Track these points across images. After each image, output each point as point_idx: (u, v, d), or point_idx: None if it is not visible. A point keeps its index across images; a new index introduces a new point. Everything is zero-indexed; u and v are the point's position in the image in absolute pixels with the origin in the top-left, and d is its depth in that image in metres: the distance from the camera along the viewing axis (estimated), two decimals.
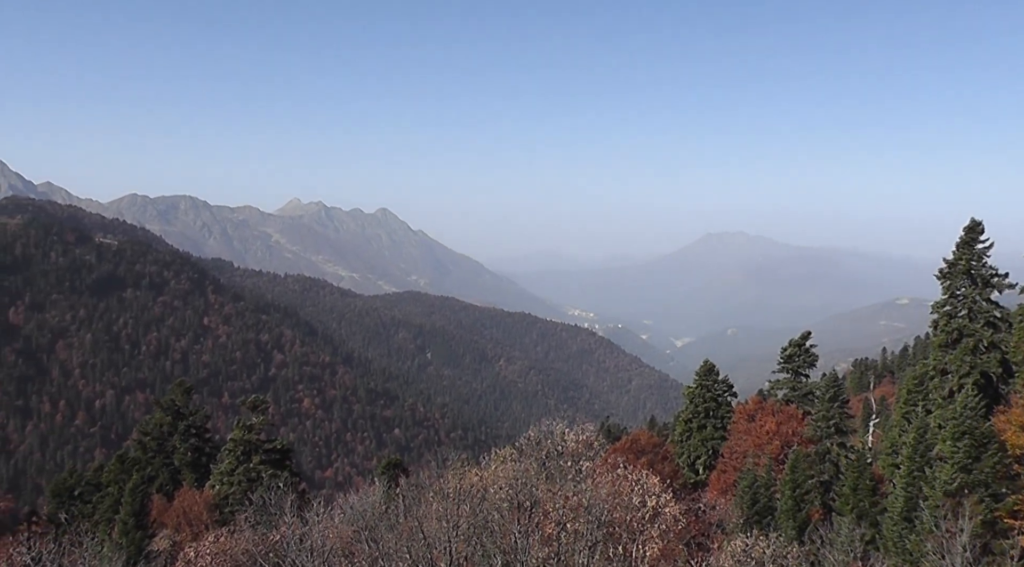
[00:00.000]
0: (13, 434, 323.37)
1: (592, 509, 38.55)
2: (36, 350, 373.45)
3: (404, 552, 36.16)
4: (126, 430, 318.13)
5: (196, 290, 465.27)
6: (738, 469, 74.01)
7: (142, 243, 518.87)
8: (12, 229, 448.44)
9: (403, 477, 77.34)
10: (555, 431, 62.85)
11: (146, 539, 69.65)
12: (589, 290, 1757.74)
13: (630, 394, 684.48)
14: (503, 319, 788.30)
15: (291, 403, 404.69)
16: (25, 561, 47.30)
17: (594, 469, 53.36)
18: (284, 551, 42.86)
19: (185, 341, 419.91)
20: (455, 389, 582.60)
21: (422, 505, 44.69)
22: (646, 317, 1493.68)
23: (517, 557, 36.03)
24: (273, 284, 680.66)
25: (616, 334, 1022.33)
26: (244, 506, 66.50)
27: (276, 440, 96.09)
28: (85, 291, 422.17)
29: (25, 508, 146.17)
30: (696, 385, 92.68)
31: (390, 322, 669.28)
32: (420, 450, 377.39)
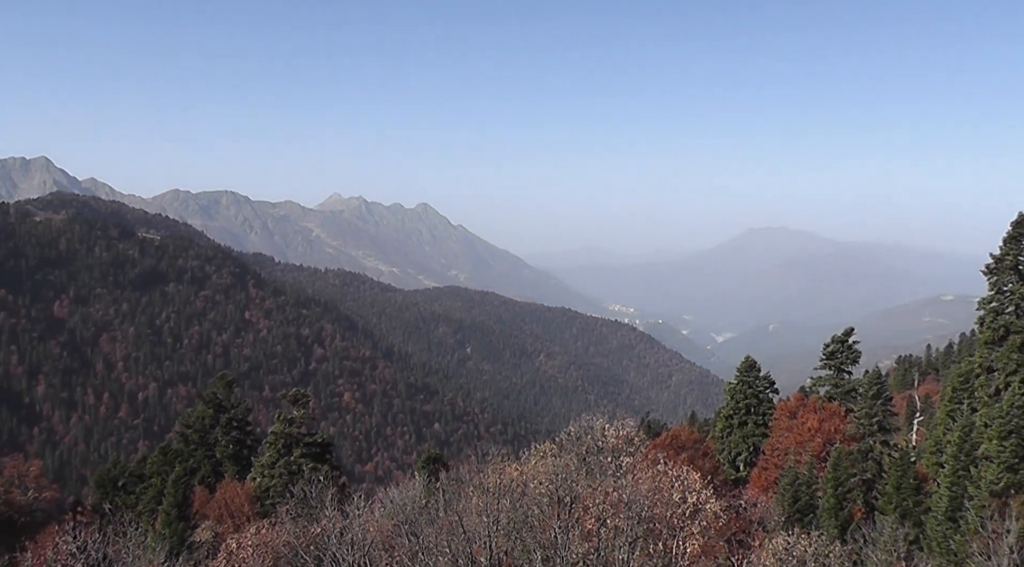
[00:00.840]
0: (58, 425, 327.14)
1: (632, 505, 38.38)
2: (80, 343, 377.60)
3: (444, 546, 36.19)
4: (168, 422, 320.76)
5: (237, 284, 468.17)
6: (779, 466, 73.50)
7: (184, 238, 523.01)
8: (57, 224, 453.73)
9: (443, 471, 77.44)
10: (595, 426, 62.72)
11: (188, 530, 70.18)
12: (629, 285, 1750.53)
13: (670, 390, 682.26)
14: (543, 314, 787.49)
15: (331, 397, 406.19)
16: (71, 550, 47.83)
17: (634, 465, 53.14)
18: (325, 544, 43.04)
19: (226, 335, 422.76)
20: (495, 384, 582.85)
21: (462, 500, 44.64)
22: (686, 312, 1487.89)
23: (557, 552, 35.95)
24: (314, 279, 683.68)
25: (656, 329, 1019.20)
26: (285, 499, 66.85)
27: (317, 434, 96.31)
28: (128, 285, 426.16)
29: (70, 498, 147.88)
30: (737, 381, 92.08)
31: (430, 317, 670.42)
32: (460, 445, 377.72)
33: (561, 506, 37.59)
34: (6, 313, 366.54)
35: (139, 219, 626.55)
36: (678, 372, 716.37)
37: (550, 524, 37.03)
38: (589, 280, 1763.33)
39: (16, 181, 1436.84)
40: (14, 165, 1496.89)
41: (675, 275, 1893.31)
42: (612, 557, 37.13)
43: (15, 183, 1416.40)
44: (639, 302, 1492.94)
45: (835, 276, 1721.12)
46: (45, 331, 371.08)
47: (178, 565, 54.43)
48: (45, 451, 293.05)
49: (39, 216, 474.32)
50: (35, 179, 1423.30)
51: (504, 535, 37.07)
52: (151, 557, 52.43)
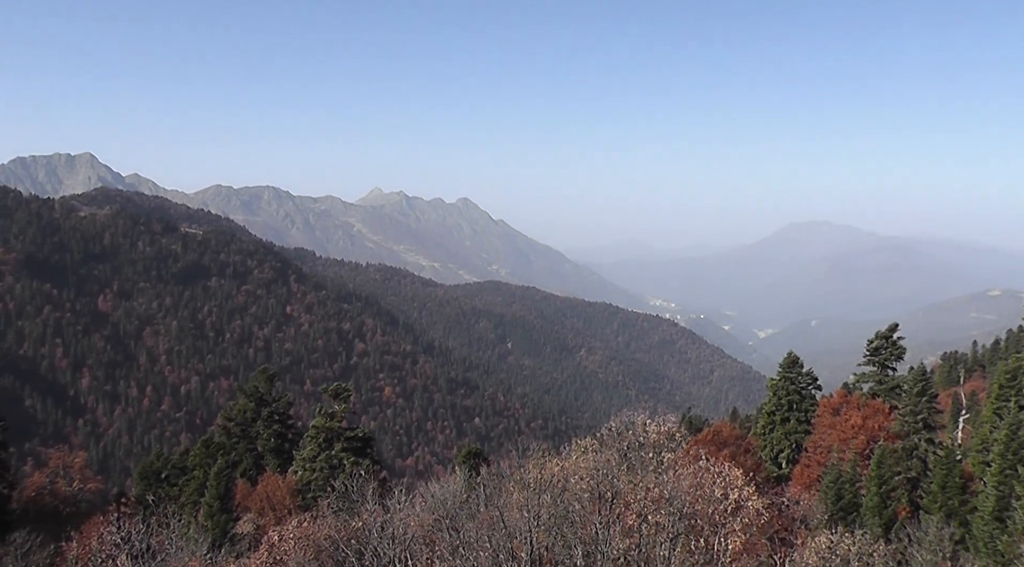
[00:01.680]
0: (102, 418, 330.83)
1: (674, 501, 38.17)
2: (124, 337, 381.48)
3: (485, 541, 36.14)
4: (211, 415, 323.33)
5: (279, 279, 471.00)
6: (822, 464, 72.87)
7: (226, 233, 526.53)
8: (101, 220, 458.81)
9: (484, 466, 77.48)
10: (636, 422, 62.44)
11: (231, 522, 70.71)
12: (671, 280, 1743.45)
13: (712, 385, 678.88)
14: (584, 309, 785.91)
15: (372, 392, 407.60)
16: (115, 540, 48.27)
17: (676, 461, 52.86)
18: (366, 538, 43.11)
19: (268, 329, 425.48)
20: (535, 379, 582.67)
21: (503, 495, 44.63)
22: (728, 308, 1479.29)
23: (598, 548, 35.81)
24: (355, 273, 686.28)
25: (698, 325, 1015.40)
26: (326, 492, 67.13)
27: (357, 428, 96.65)
28: (171, 280, 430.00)
29: (114, 489, 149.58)
30: (779, 377, 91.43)
31: (471, 312, 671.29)
32: (500, 440, 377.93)
33: (602, 502, 37.44)
34: (51, 307, 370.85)
35: (182, 214, 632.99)
36: (720, 368, 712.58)
37: (591, 520, 36.90)
38: (630, 275, 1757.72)
39: (61, 177, 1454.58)
40: (59, 161, 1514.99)
41: (717, 270, 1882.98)
42: (653, 553, 36.94)
43: (60, 179, 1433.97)
44: (680, 297, 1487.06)
45: (879, 271, 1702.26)
46: (89, 325, 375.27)
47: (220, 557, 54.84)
48: (89, 443, 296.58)
49: (84, 211, 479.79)
50: (80, 175, 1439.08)
51: (545, 530, 36.98)
52: (194, 548, 52.84)
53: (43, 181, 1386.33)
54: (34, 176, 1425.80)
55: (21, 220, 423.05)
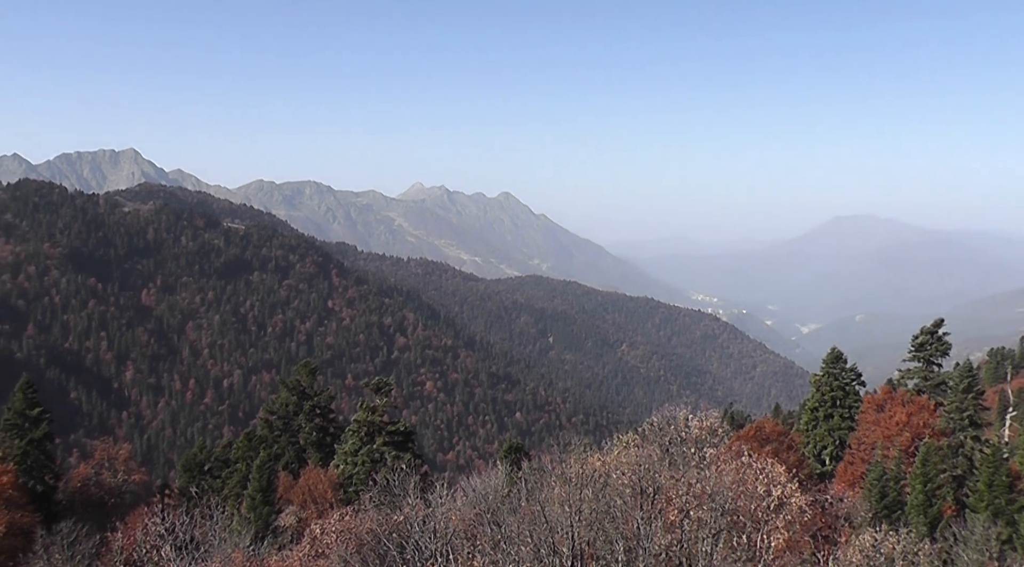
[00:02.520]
0: (146, 410, 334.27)
1: (716, 497, 37.98)
2: (167, 330, 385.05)
3: (526, 536, 36.11)
4: (253, 409, 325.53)
5: (321, 273, 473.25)
6: (866, 461, 72.27)
7: (268, 227, 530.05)
8: (145, 215, 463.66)
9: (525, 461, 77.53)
10: (678, 417, 62.19)
11: (273, 514, 71.11)
12: (713, 275, 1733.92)
13: (754, 381, 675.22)
14: (625, 303, 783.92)
15: (413, 386, 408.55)
16: (160, 531, 48.76)
17: (718, 456, 52.58)
18: (407, 532, 43.22)
19: (310, 323, 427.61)
20: (577, 374, 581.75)
21: (544, 489, 44.55)
22: (771, 302, 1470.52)
23: (640, 543, 35.68)
24: (396, 268, 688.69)
25: (740, 319, 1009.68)
26: (368, 486, 67.36)
27: (399, 422, 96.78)
28: (213, 274, 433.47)
29: (158, 481, 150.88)
30: (823, 373, 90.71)
31: (512, 306, 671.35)
32: (541, 434, 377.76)
33: (644, 497, 37.31)
34: (96, 301, 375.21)
35: (224, 209, 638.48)
36: (762, 363, 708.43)
37: (632, 515, 36.76)
38: (672, 269, 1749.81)
39: (106, 173, 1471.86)
40: (104, 157, 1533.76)
41: (759, 264, 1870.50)
42: (695, 549, 36.78)
43: (105, 175, 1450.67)
44: (722, 292, 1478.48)
45: (924, 265, 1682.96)
46: (133, 318, 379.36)
47: (263, 549, 55.20)
48: (133, 435, 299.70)
49: (128, 207, 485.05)
50: (124, 171, 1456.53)
51: (586, 526, 36.89)
52: (237, 540, 53.24)
53: (88, 177, 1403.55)
54: (79, 172, 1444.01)
55: (66, 216, 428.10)
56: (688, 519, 37.63)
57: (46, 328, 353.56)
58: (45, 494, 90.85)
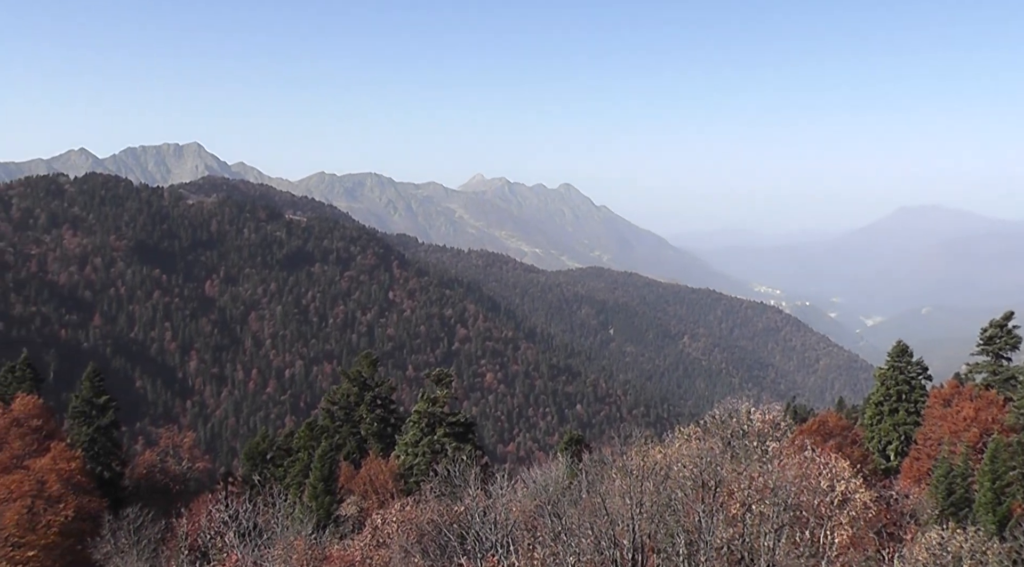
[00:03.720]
0: (210, 400, 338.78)
1: (779, 491, 37.60)
2: (230, 321, 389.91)
3: (587, 528, 36.04)
4: (314, 399, 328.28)
5: (381, 265, 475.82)
6: (932, 457, 71.08)
7: (329, 219, 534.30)
8: (208, 207, 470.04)
9: (585, 453, 77.30)
10: (740, 410, 61.65)
11: (334, 504, 71.55)
12: (776, 266, 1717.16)
13: (817, 374, 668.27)
14: (687, 295, 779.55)
15: (474, 377, 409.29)
16: (223, 518, 49.40)
17: (780, 450, 52.05)
18: (468, 523, 43.35)
19: (371, 314, 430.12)
20: (638, 366, 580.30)
21: (605, 481, 44.37)
22: (835, 294, 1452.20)
23: (701, 537, 35.46)
24: (457, 259, 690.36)
25: (803, 312, 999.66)
26: (429, 477, 67.60)
27: (459, 413, 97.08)
28: (275, 266, 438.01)
29: (221, 469, 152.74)
30: (888, 366, 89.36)
31: (573, 298, 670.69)
32: (602, 426, 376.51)
33: (705, 490, 37.05)
34: (160, 292, 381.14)
35: (286, 201, 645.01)
36: (825, 356, 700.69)
37: (694, 508, 36.52)
38: (734, 261, 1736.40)
39: (170, 166, 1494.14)
40: (168, 151, 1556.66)
41: (823, 256, 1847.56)
42: (757, 544, 36.46)
43: (169, 168, 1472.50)
44: (786, 284, 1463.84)
45: (994, 257, 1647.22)
46: (197, 309, 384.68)
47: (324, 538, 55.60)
48: (197, 423, 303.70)
49: (191, 199, 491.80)
50: (187, 164, 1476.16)
51: (647, 518, 36.71)
52: (299, 528, 53.61)
53: (152, 171, 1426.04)
54: (144, 166, 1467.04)
55: (132, 208, 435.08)
56: (750, 513, 37.31)
57: (112, 318, 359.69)
58: (112, 480, 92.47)
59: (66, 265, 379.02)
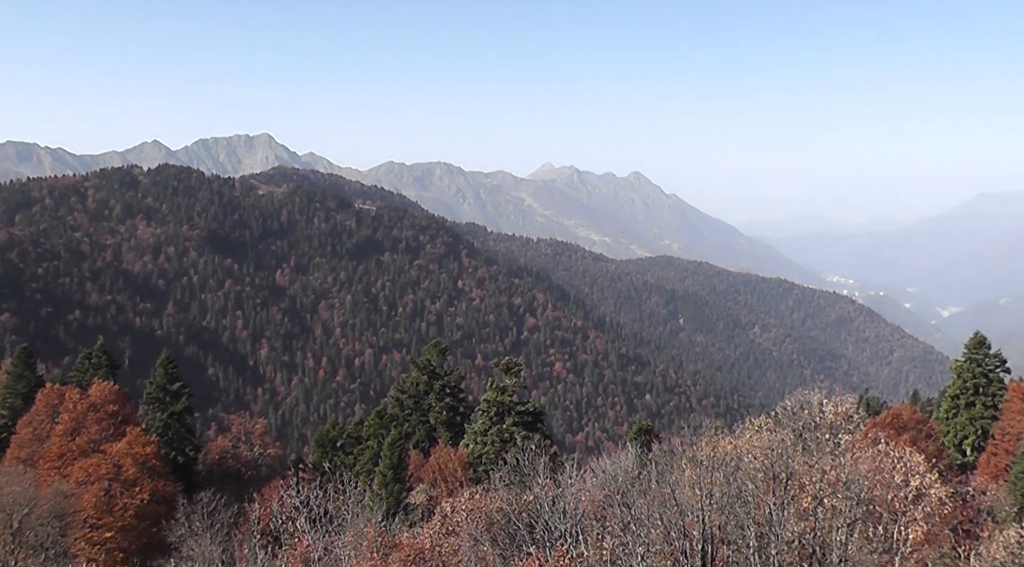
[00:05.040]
0: (280, 387, 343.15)
1: (851, 485, 37.12)
2: (300, 310, 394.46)
3: (656, 518, 35.88)
4: (383, 387, 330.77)
5: (450, 254, 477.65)
6: (1011, 453, 69.61)
7: (399, 208, 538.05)
8: (279, 197, 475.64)
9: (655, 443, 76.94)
10: (812, 401, 60.95)
11: (404, 492, 71.94)
12: (849, 255, 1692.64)
13: (891, 366, 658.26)
14: (758, 285, 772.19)
15: (542, 366, 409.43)
16: (295, 504, 49.99)
17: (853, 443, 51.35)
18: (537, 511, 43.37)
19: (440, 303, 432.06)
20: (707, 356, 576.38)
21: (674, 472, 44.15)
22: (909, 284, 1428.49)
23: (771, 529, 35.11)
24: (526, 248, 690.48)
25: (877, 302, 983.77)
26: (498, 466, 67.71)
27: (528, 402, 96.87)
28: (345, 255, 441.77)
29: (292, 455, 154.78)
30: (965, 359, 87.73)
31: (642, 287, 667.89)
32: (671, 417, 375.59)
33: (776, 483, 36.67)
34: (232, 281, 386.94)
35: (355, 191, 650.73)
36: (899, 348, 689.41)
37: (765, 501, 36.16)
38: (806, 250, 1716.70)
39: (241, 157, 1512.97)
40: (239, 142, 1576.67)
41: (898, 244, 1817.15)
42: (829, 538, 36.02)
43: (240, 159, 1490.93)
44: (859, 273, 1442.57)
45: None
46: (268, 298, 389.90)
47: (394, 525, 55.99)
48: (268, 410, 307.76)
49: (262, 189, 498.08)
50: (258, 155, 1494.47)
51: (717, 509, 36.46)
52: (369, 516, 54.06)
53: (224, 161, 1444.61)
54: (215, 157, 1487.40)
55: (204, 199, 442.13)
56: (822, 507, 36.87)
57: (185, 307, 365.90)
58: (185, 465, 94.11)
59: (140, 255, 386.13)
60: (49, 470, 73.37)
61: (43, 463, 75.23)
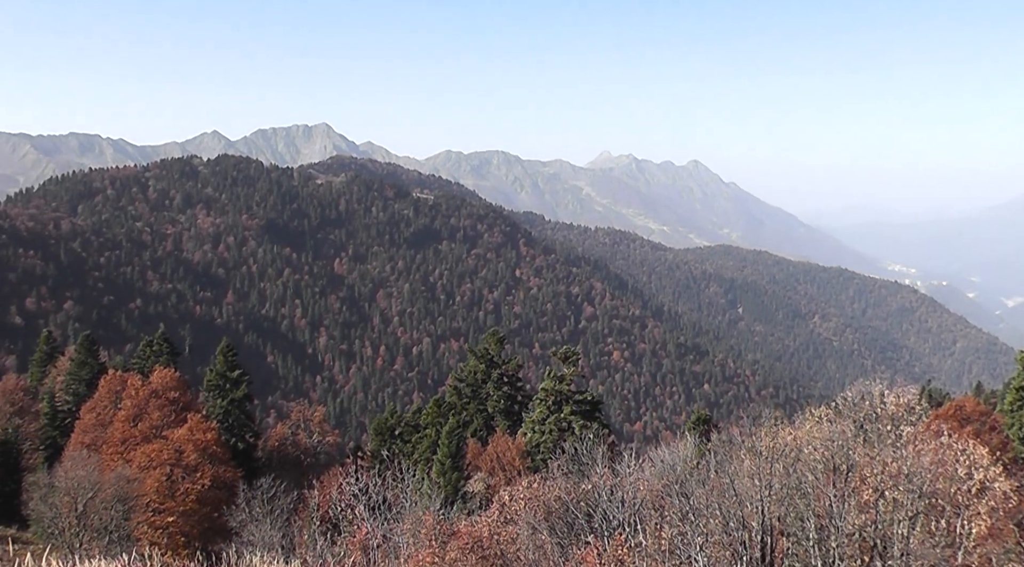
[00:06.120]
0: (338, 375, 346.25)
1: (913, 478, 36.68)
2: (359, 298, 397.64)
3: (715, 508, 35.72)
4: (441, 376, 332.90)
5: (508, 243, 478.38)
6: None
7: (456, 197, 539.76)
8: (337, 186, 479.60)
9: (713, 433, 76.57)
10: (873, 392, 60.31)
11: (462, 480, 72.32)
12: (910, 244, 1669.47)
13: (954, 357, 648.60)
14: (818, 274, 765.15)
15: (600, 356, 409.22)
16: (354, 491, 50.46)
17: (915, 435, 50.73)
18: (595, 501, 43.37)
19: (497, 292, 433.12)
20: (766, 346, 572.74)
21: (733, 462, 43.92)
22: (973, 274, 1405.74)
23: (832, 522, 34.82)
24: (583, 237, 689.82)
25: (939, 292, 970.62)
26: (556, 454, 67.82)
27: (586, 391, 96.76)
28: (403, 243, 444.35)
29: (350, 443, 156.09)
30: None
31: (701, 276, 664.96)
32: (730, 406, 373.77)
33: (837, 474, 36.34)
34: (291, 270, 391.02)
35: (413, 180, 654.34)
36: (963, 338, 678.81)
37: (825, 492, 35.87)
38: (867, 238, 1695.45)
39: (299, 147, 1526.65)
40: (297, 132, 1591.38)
41: (961, 233, 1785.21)
42: (890, 532, 35.65)
43: (298, 149, 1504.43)
44: (921, 262, 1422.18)
45: None
46: (326, 287, 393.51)
47: (452, 513, 56.28)
48: (327, 398, 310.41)
49: (320, 179, 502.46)
50: (316, 144, 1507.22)
51: (776, 501, 36.23)
52: (427, 504, 54.36)
53: (282, 151, 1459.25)
54: (274, 147, 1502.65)
55: (263, 189, 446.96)
56: (883, 500, 36.50)
57: (244, 295, 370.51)
58: (245, 451, 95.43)
59: (200, 244, 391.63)
60: (112, 455, 74.72)
61: (106, 448, 76.67)
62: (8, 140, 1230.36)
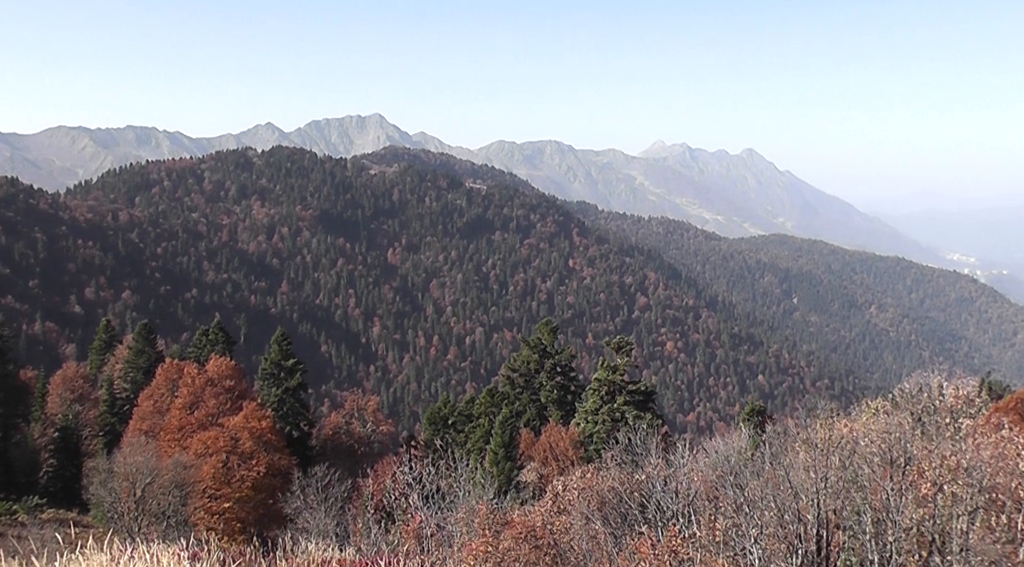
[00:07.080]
0: (392, 365, 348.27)
1: (973, 472, 36.07)
2: (412, 288, 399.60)
3: (770, 500, 35.33)
4: (494, 366, 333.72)
5: (561, 232, 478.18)
6: None
7: (509, 187, 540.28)
8: (390, 177, 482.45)
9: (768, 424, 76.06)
10: (931, 384, 59.51)
11: (515, 470, 72.22)
12: (970, 233, 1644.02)
13: (1015, 349, 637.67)
14: (874, 263, 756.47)
15: (653, 346, 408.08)
16: (408, 480, 50.74)
17: (974, 428, 49.98)
18: (649, 491, 43.14)
19: (550, 282, 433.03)
20: (822, 336, 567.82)
21: (788, 454, 43.55)
22: None
23: (889, 516, 34.35)
24: (637, 226, 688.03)
25: (1000, 281, 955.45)
26: (609, 445, 67.66)
27: (639, 382, 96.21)
28: (456, 233, 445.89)
29: (403, 432, 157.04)
30: None
31: (755, 265, 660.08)
32: (784, 398, 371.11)
33: (894, 467, 35.84)
34: (344, 260, 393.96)
35: (466, 170, 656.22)
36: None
37: (882, 485, 35.37)
38: (925, 227, 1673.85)
39: (352, 138, 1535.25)
40: (351, 123, 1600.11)
41: (1022, 222, 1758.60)
42: (949, 527, 35.08)
43: (352, 139, 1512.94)
44: (981, 251, 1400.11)
45: None
46: (379, 276, 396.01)
47: (506, 503, 56.38)
48: (380, 388, 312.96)
49: (374, 169, 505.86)
50: (370, 135, 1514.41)
51: (832, 493, 35.83)
52: (481, 493, 54.49)
53: (336, 142, 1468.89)
54: (327, 138, 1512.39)
55: (316, 179, 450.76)
56: (942, 494, 35.95)
57: (299, 285, 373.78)
58: (300, 439, 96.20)
59: (255, 234, 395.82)
60: (169, 442, 75.71)
61: (163, 435, 77.63)
62: (67, 133, 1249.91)
